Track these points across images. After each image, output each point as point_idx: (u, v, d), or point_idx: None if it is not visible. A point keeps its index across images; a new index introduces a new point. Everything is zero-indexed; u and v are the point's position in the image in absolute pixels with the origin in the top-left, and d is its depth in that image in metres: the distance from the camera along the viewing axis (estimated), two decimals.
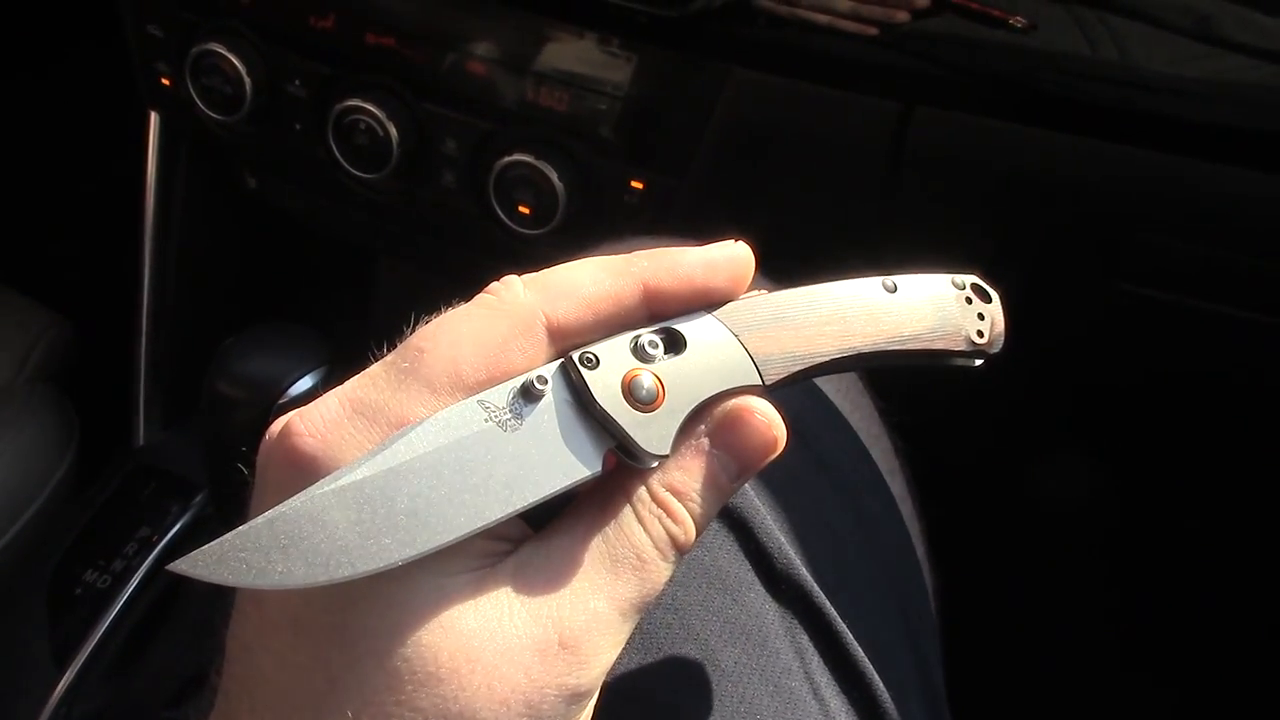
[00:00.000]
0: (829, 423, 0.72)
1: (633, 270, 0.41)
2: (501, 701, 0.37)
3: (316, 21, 1.04)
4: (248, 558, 0.36)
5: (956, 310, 0.46)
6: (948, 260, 0.48)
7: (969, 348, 0.46)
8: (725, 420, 0.41)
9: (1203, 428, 1.22)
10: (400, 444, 0.38)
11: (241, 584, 0.36)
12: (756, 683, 0.56)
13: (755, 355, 0.42)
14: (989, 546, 1.30)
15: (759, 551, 0.59)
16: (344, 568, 0.36)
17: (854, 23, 0.89)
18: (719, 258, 0.42)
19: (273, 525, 0.37)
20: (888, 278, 0.45)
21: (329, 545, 0.36)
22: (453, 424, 0.38)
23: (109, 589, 1.07)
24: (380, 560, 0.37)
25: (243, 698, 0.39)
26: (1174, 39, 0.91)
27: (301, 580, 0.36)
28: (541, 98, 0.99)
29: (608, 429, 0.40)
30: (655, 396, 0.40)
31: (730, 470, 0.42)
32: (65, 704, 1.01)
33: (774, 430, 0.41)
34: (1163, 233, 0.94)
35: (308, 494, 0.37)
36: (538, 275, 0.41)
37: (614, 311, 0.41)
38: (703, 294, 0.42)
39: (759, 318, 0.43)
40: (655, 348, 0.41)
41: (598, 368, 0.40)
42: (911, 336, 0.45)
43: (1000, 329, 0.47)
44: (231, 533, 0.37)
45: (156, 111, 1.22)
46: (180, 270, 1.29)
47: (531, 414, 0.39)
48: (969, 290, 0.47)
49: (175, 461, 1.22)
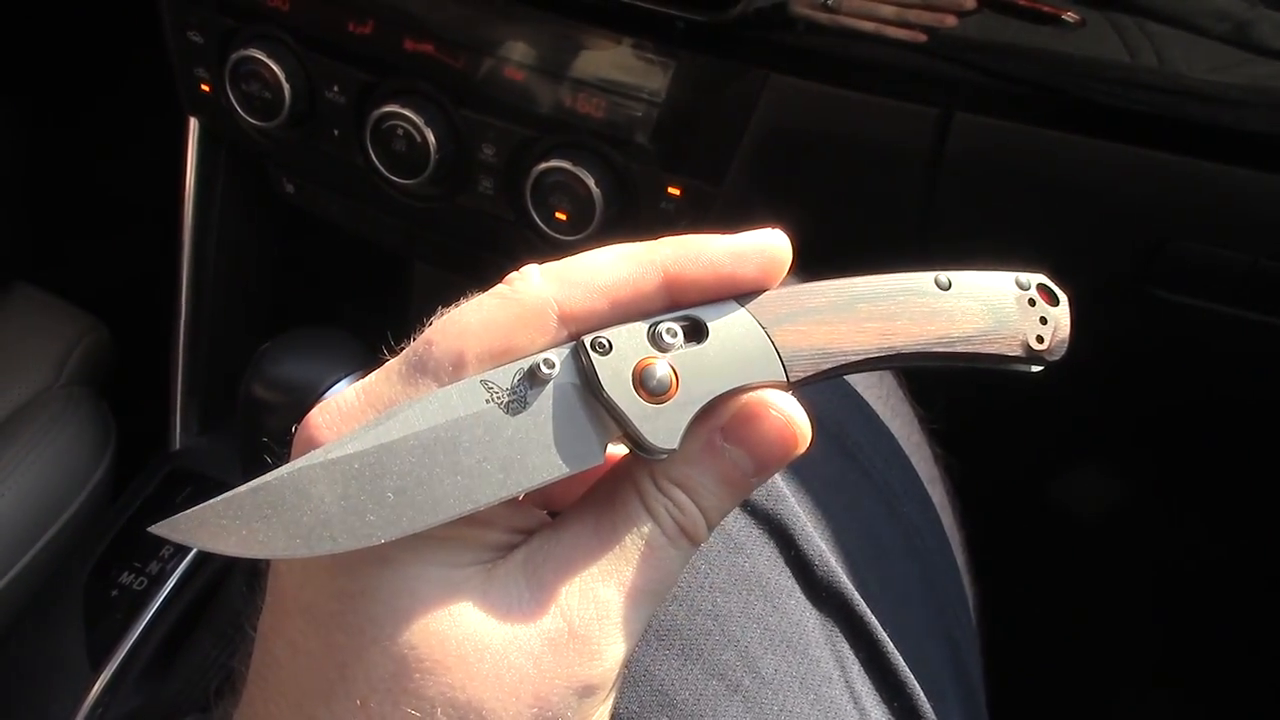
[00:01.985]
0: (870, 430, 0.71)
1: (654, 258, 0.40)
2: (510, 692, 0.37)
3: (355, 28, 1.04)
4: (228, 524, 0.36)
5: (1016, 312, 0.43)
6: (985, 267, 0.45)
7: (1025, 353, 0.43)
8: (739, 415, 0.40)
9: (1242, 439, 1.21)
10: (395, 420, 0.37)
11: (218, 549, 0.36)
12: (796, 691, 0.55)
13: (782, 349, 0.40)
14: (1027, 556, 1.30)
15: (800, 559, 0.59)
16: (325, 542, 0.36)
17: (901, 29, 0.89)
18: (748, 246, 0.41)
19: (256, 494, 0.36)
20: (942, 273, 0.43)
21: (311, 518, 0.36)
22: (451, 403, 0.38)
23: (145, 591, 1.08)
24: (363, 537, 0.36)
25: (258, 684, 0.40)
26: (1212, 45, 0.90)
27: (280, 551, 0.36)
28: (579, 104, 0.99)
29: (614, 418, 0.39)
30: (668, 387, 0.39)
31: (746, 467, 0.41)
32: (101, 705, 1.02)
33: (792, 428, 0.40)
34: (1201, 240, 0.93)
35: (295, 465, 0.37)
36: (555, 264, 0.41)
37: (632, 299, 0.40)
38: (729, 283, 0.41)
39: (792, 310, 0.41)
40: (674, 336, 0.40)
41: (609, 353, 0.39)
42: (961, 338, 0.42)
43: (1064, 335, 0.44)
44: (216, 499, 0.36)
45: (196, 117, 1.23)
46: (217, 275, 1.30)
47: (536, 398, 0.38)
48: (1034, 290, 0.44)
49: (211, 465, 1.22)
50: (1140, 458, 1.31)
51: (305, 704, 0.38)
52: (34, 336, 1.28)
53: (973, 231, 1.00)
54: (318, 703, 0.38)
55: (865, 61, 0.92)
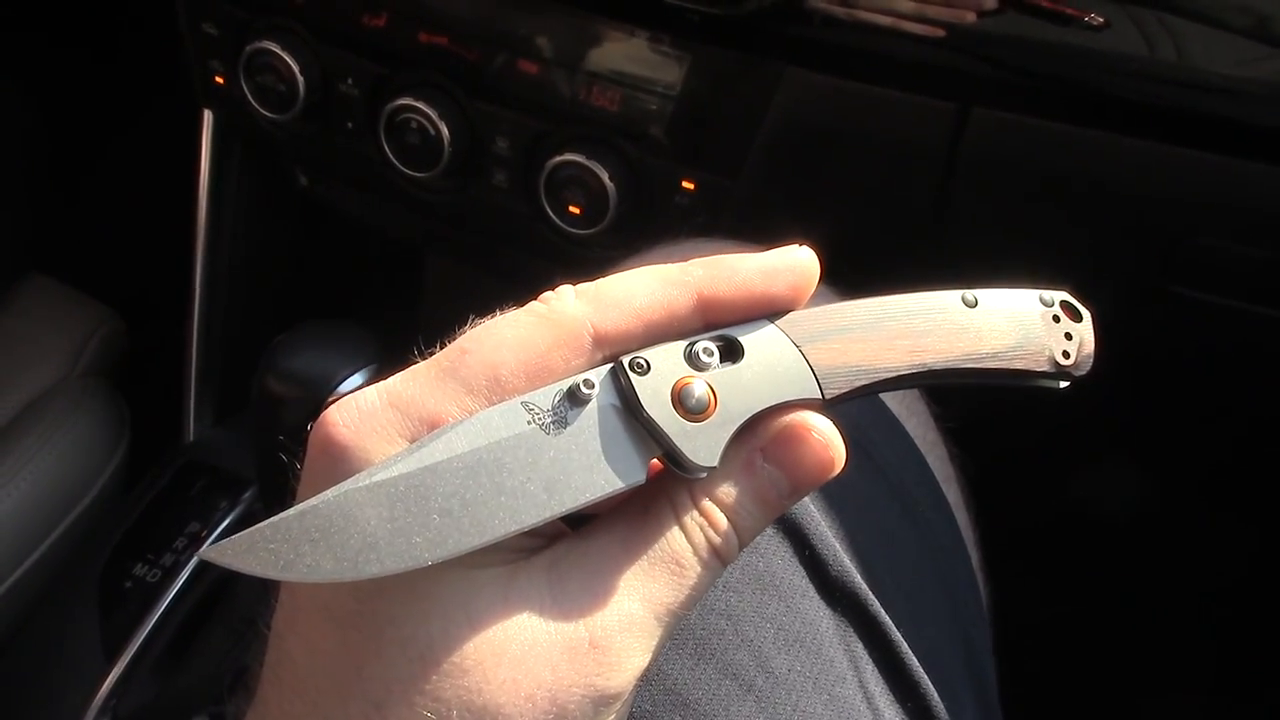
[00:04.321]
0: (885, 428, 0.71)
1: (687, 279, 0.40)
2: (527, 697, 0.37)
3: (369, 20, 1.04)
4: (277, 549, 0.36)
5: (1041, 328, 0.44)
6: (1003, 263, 0.46)
7: (1053, 369, 0.44)
8: (780, 436, 0.40)
9: (1262, 437, 1.20)
10: (439, 442, 0.37)
11: (268, 575, 0.36)
12: (810, 690, 0.55)
13: (816, 367, 0.41)
14: (1042, 557, 1.29)
15: (814, 558, 0.58)
16: (372, 564, 0.36)
17: (919, 24, 0.88)
18: (779, 265, 0.41)
19: (304, 518, 0.36)
20: (968, 291, 0.44)
21: (359, 541, 0.36)
22: (494, 425, 0.38)
23: (159, 583, 1.08)
24: (410, 559, 0.36)
25: (273, 683, 0.40)
26: (1233, 40, 0.90)
27: (329, 575, 0.36)
28: (593, 97, 0.99)
29: (654, 437, 0.39)
30: (706, 406, 0.39)
31: (782, 488, 0.41)
32: (115, 695, 1.02)
33: (831, 451, 0.40)
34: (1221, 236, 0.93)
35: (341, 489, 0.37)
36: (590, 285, 0.41)
37: (666, 321, 0.40)
38: (761, 302, 0.41)
39: (823, 328, 0.41)
40: (710, 355, 0.40)
41: (648, 374, 0.39)
42: (990, 354, 0.43)
43: (1089, 350, 0.45)
44: (263, 523, 0.36)
45: (210, 109, 1.23)
46: (231, 267, 1.30)
47: (576, 418, 0.39)
48: (1058, 308, 0.45)
49: (225, 457, 1.22)
50: (1158, 458, 1.30)
51: (321, 703, 0.38)
52: (49, 328, 1.28)
53: (989, 228, 0.99)
54: (334, 702, 0.38)
55: (882, 56, 0.92)
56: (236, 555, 0.36)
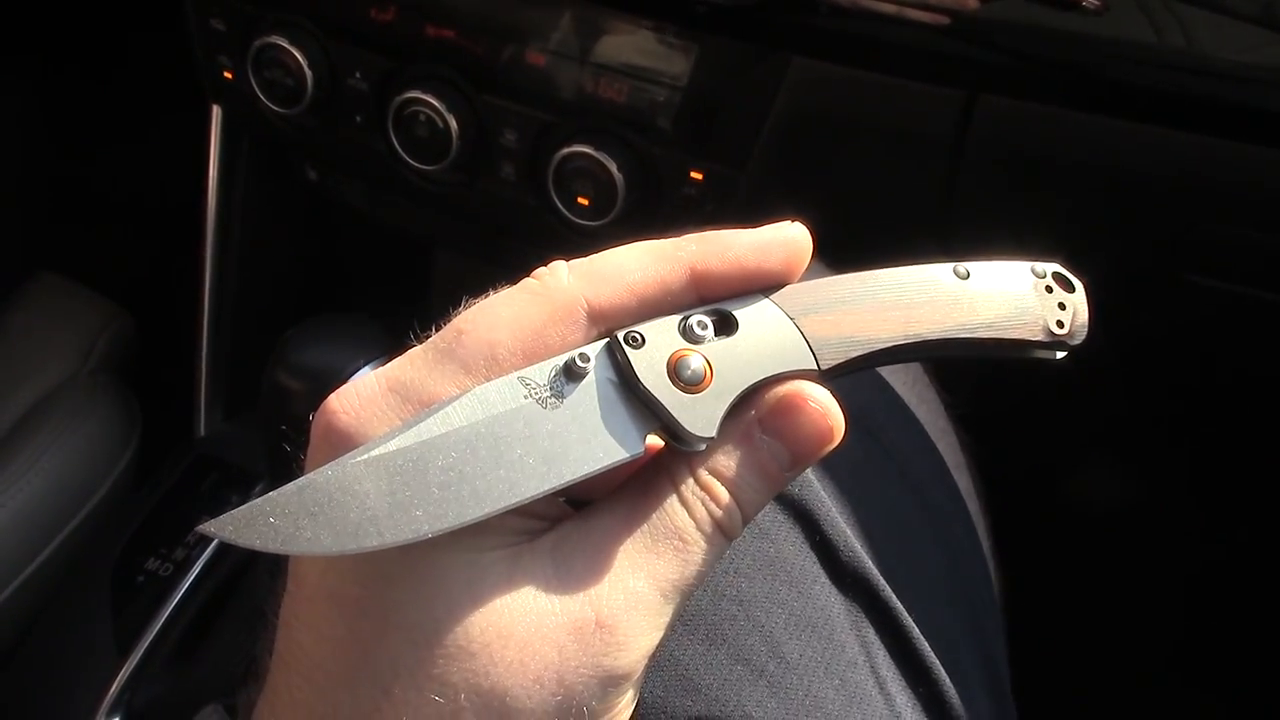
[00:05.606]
0: (896, 415, 0.71)
1: (680, 254, 0.41)
2: (534, 679, 0.37)
3: (377, 14, 1.05)
4: (276, 523, 0.36)
5: (1034, 299, 0.44)
6: (1011, 250, 0.46)
7: (1047, 338, 0.44)
8: (777, 406, 0.40)
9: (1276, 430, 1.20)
10: (436, 417, 0.37)
11: (268, 549, 0.36)
12: (821, 676, 0.55)
13: (811, 338, 0.41)
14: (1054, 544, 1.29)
15: (825, 544, 0.59)
16: (372, 537, 0.36)
17: (923, 11, 0.88)
18: (772, 239, 0.42)
19: (302, 492, 0.36)
20: (960, 264, 0.44)
21: (358, 514, 0.36)
22: (490, 399, 0.38)
23: (171, 577, 1.08)
24: (409, 532, 0.36)
25: (281, 671, 0.40)
26: (1240, 26, 0.90)
27: (329, 548, 0.36)
28: (601, 89, 0.99)
29: (651, 409, 0.39)
30: (702, 377, 0.39)
31: (782, 459, 0.41)
32: (128, 689, 1.03)
33: (829, 420, 0.40)
34: (1231, 223, 0.93)
35: (339, 463, 0.37)
36: (583, 260, 0.41)
37: (659, 296, 0.40)
38: (754, 277, 0.41)
39: (816, 300, 0.42)
40: (704, 329, 0.40)
41: (643, 347, 0.39)
42: (984, 324, 0.43)
43: (1083, 319, 0.45)
44: (261, 498, 0.36)
45: (218, 104, 1.23)
46: (241, 262, 1.31)
47: (573, 392, 0.39)
48: (1050, 279, 0.45)
49: (236, 452, 1.22)
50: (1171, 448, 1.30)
51: (329, 690, 0.38)
52: (60, 324, 1.29)
53: (996, 216, 0.99)
54: (341, 689, 0.38)
55: (889, 44, 0.92)
56: (236, 529, 0.36)
